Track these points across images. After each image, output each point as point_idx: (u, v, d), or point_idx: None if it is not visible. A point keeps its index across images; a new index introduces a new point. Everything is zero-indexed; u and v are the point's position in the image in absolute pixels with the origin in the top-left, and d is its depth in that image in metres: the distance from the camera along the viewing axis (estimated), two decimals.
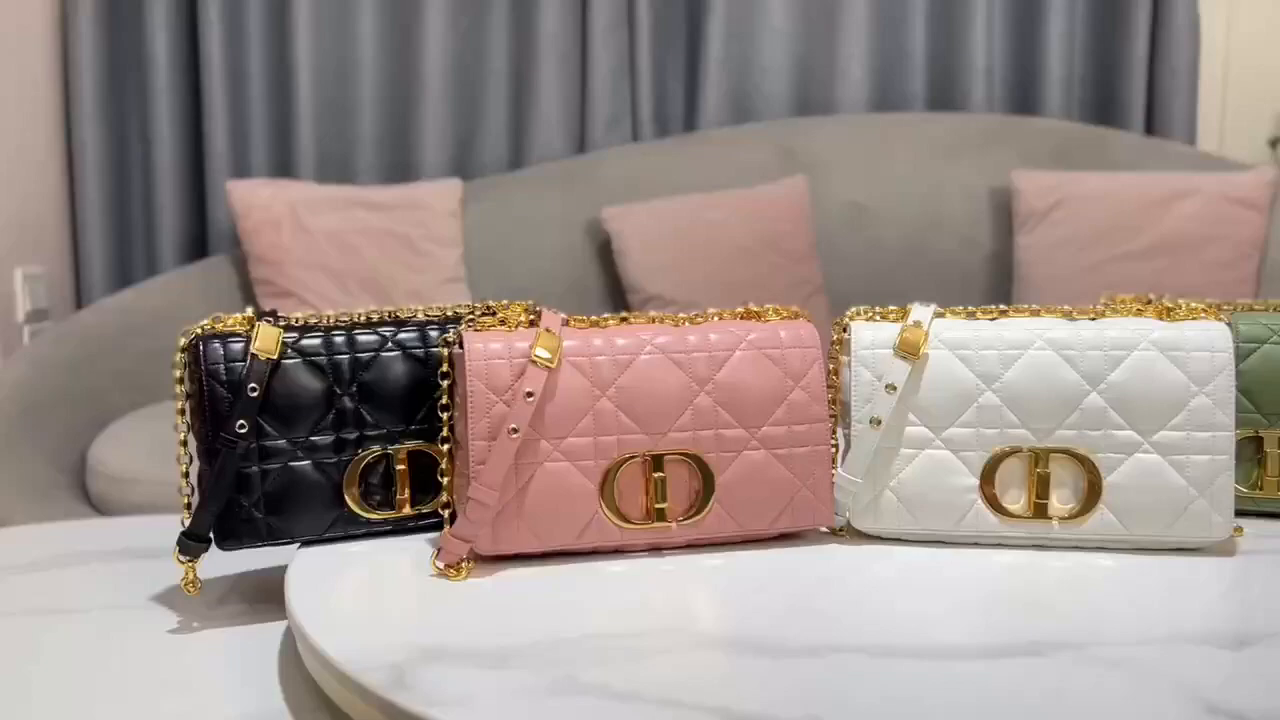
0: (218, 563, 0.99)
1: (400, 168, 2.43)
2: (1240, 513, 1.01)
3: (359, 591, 0.85)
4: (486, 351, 0.90)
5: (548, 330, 0.91)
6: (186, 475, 0.94)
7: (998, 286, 2.25)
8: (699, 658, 0.72)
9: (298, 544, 0.95)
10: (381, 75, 2.39)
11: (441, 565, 0.87)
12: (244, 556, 0.97)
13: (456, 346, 0.91)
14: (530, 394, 0.88)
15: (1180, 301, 1.06)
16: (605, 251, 2.27)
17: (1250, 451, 1.03)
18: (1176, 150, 2.28)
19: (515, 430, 0.87)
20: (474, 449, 0.88)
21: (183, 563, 0.92)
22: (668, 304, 2.16)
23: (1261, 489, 1.02)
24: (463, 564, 0.88)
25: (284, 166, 2.39)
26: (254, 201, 2.07)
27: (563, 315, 0.95)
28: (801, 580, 0.87)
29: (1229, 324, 0.95)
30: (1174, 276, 1.99)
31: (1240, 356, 1.02)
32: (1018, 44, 2.47)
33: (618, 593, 0.84)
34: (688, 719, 0.63)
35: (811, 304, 2.21)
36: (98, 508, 1.67)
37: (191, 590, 0.93)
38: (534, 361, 0.89)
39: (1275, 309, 1.06)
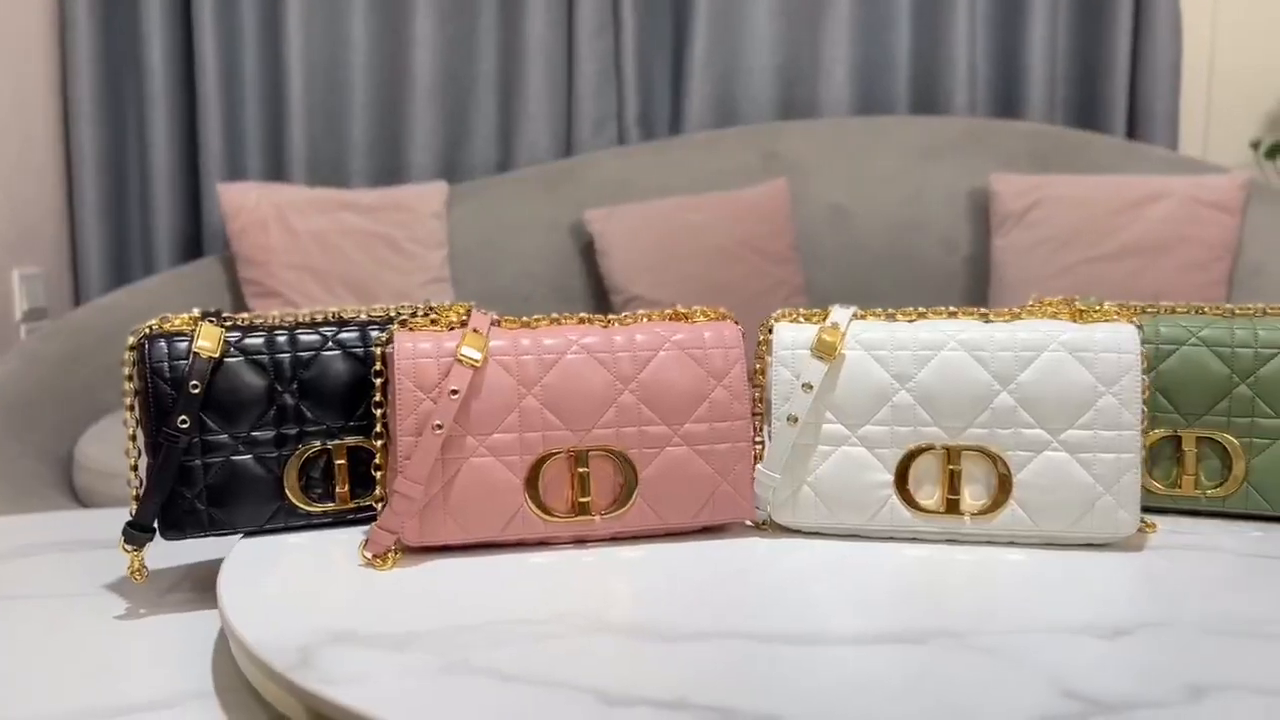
0: (172, 553, 1.04)
1: (391, 170, 2.47)
2: (1159, 510, 1.04)
3: (287, 579, 0.89)
4: (415, 351, 0.94)
5: (475, 331, 0.95)
6: (135, 468, 0.98)
7: (976, 288, 2.27)
8: (591, 642, 0.76)
9: (241, 534, 1.00)
10: (372, 79, 2.44)
11: (369, 555, 0.91)
12: (199, 548, 1.01)
13: (389, 346, 0.95)
14: (455, 391, 0.92)
15: (1105, 304, 1.09)
16: (589, 253, 2.31)
17: (1170, 450, 1.05)
18: (1155, 154, 2.29)
19: (439, 426, 0.91)
20: (401, 444, 0.92)
21: (128, 551, 0.97)
22: (649, 304, 2.19)
23: (1180, 487, 1.05)
24: (390, 554, 0.91)
25: (277, 169, 2.44)
26: (242, 203, 2.12)
27: (493, 316, 0.99)
28: (715, 571, 0.91)
29: (1139, 326, 0.97)
30: (1146, 278, 2.01)
31: (1160, 358, 1.05)
32: (1000, 46, 2.49)
33: (534, 582, 0.88)
34: (559, 697, 0.67)
35: (790, 305, 2.23)
36: (83, 501, 1.73)
37: (138, 578, 0.98)
38: (460, 360, 0.93)
39: (1198, 311, 1.08)
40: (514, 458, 0.94)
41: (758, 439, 1.00)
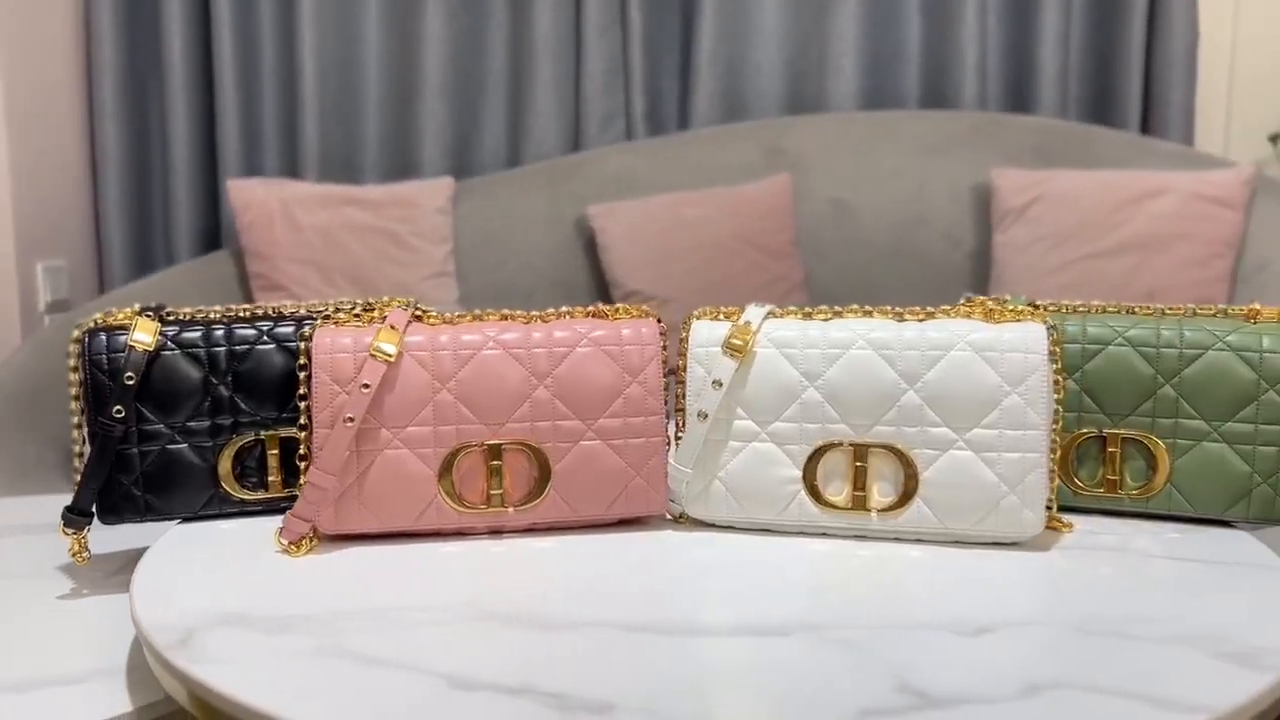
0: (127, 538, 1.09)
1: (403, 167, 2.52)
2: (1084, 510, 1.04)
3: (203, 563, 0.93)
4: (333, 346, 0.97)
5: (391, 327, 0.98)
6: (80, 455, 1.03)
7: (978, 284, 2.25)
8: (465, 629, 0.78)
9: (178, 520, 1.04)
10: (384, 78, 2.48)
11: (285, 542, 0.95)
12: (152, 534, 1.06)
13: (311, 341, 0.99)
14: (366, 385, 0.95)
15: (1037, 303, 1.09)
16: (592, 248, 2.34)
17: (1096, 450, 1.05)
18: (1163, 148, 2.25)
19: (351, 419, 0.94)
20: (316, 436, 0.95)
21: (68, 535, 1.02)
22: (647, 299, 2.21)
23: (1104, 487, 1.04)
24: (305, 541, 0.95)
25: (292, 166, 2.50)
26: (250, 199, 2.18)
27: (414, 312, 1.02)
28: (617, 562, 0.93)
29: (1050, 326, 0.97)
30: (1144, 275, 1.98)
31: (1086, 357, 1.05)
32: (1012, 39, 2.46)
33: (437, 570, 0.91)
34: (410, 680, 0.70)
35: (790, 300, 2.24)
36: None
37: (79, 560, 1.03)
38: (373, 355, 0.96)
39: (1129, 311, 1.08)
40: (428, 450, 0.97)
41: (680, 434, 1.02)
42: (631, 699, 0.67)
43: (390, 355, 0.96)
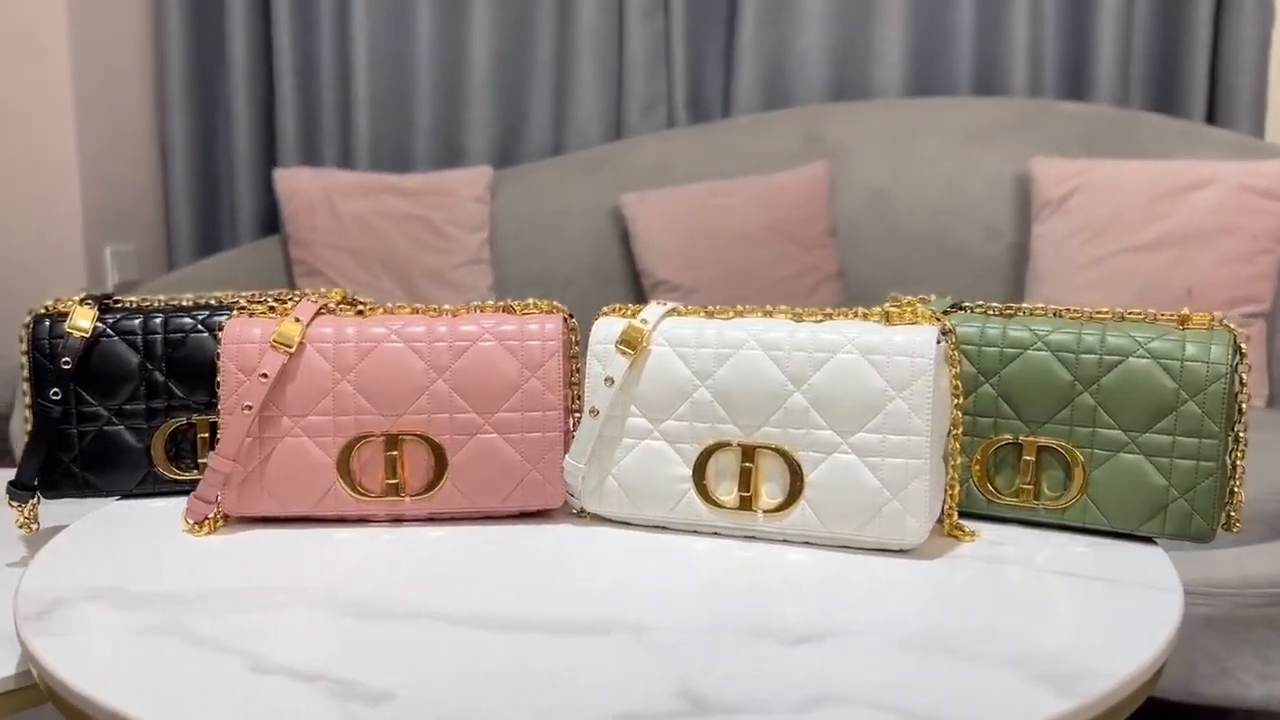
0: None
1: (451, 156, 2.58)
2: (999, 519, 1.01)
3: (111, 538, 0.99)
4: (241, 336, 1.01)
5: (295, 319, 1.02)
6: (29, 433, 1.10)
7: (1017, 276, 2.18)
8: (293, 614, 0.81)
9: (118, 497, 1.11)
10: (433, 71, 2.55)
11: (190, 522, 1.00)
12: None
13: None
14: (264, 375, 0.99)
15: (955, 304, 1.06)
16: (628, 237, 2.35)
17: (1014, 458, 1.02)
18: (1217, 136, 2.13)
19: (249, 407, 0.98)
20: (222, 422, 1.00)
21: (13, 506, 1.09)
22: (675, 289, 2.22)
23: (1019, 496, 1.01)
24: (208, 522, 1.00)
25: (346, 155, 2.58)
26: (296, 188, 2.27)
27: (322, 304, 1.05)
28: (497, 554, 0.94)
29: (946, 330, 0.95)
30: (1182, 270, 1.88)
31: (1004, 362, 1.01)
32: (1068, 20, 2.36)
33: (313, 554, 0.94)
34: (217, 661, 0.73)
35: (821, 291, 2.21)
36: None
37: (28, 531, 1.10)
38: (273, 346, 1.00)
39: (1056, 314, 1.04)
40: (327, 439, 1.01)
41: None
42: (412, 690, 0.69)
43: (290, 346, 1.00)
